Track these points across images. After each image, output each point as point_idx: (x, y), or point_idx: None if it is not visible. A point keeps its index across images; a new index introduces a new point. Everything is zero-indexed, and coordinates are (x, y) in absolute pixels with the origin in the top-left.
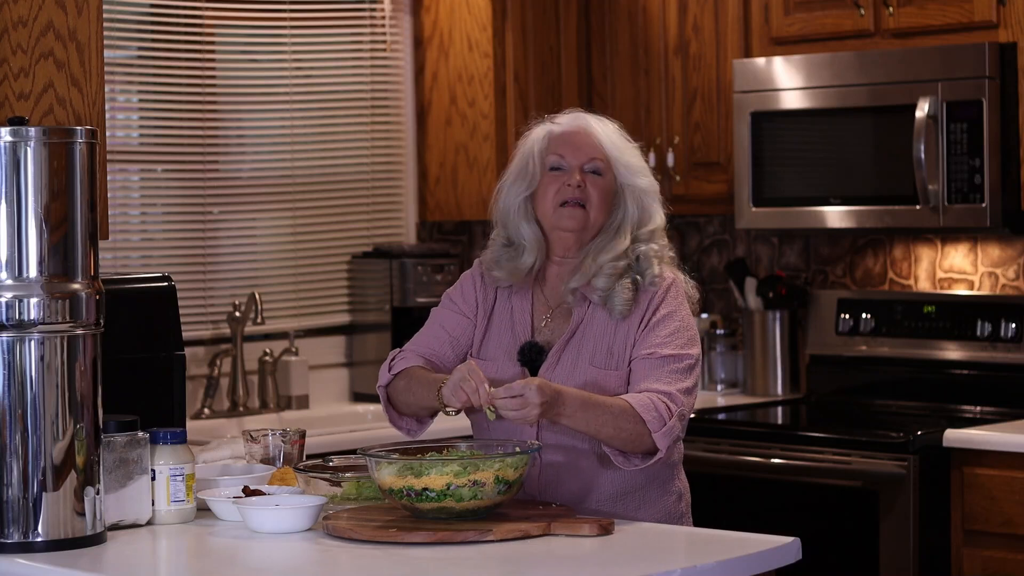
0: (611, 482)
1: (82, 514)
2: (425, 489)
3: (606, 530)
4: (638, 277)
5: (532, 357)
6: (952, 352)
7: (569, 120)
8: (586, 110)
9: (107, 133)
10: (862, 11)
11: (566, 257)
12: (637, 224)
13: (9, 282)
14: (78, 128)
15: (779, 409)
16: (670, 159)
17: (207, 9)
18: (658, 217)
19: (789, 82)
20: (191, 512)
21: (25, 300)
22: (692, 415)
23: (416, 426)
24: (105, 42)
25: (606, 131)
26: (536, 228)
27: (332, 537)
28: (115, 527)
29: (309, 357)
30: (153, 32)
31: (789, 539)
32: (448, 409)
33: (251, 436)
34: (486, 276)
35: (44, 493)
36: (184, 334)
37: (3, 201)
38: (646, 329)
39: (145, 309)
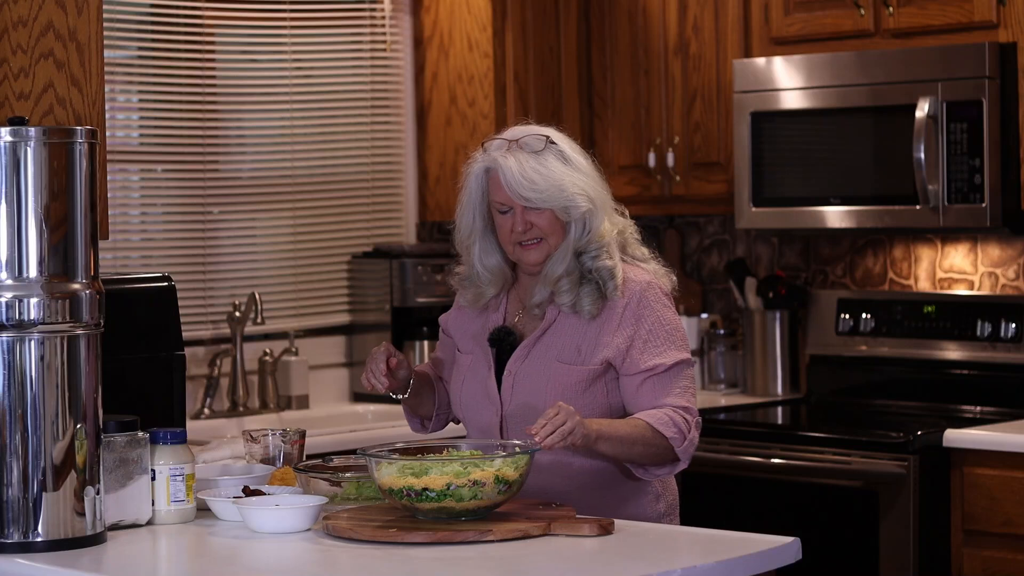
0: (586, 476)
1: (82, 514)
2: (425, 489)
3: (606, 530)
4: (599, 283)
5: (501, 338)
6: (952, 352)
7: (495, 159)
8: (523, 121)
9: (107, 133)
10: (862, 11)
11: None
12: (578, 240)
13: (9, 282)
14: (78, 128)
15: (779, 409)
16: (670, 159)
17: (207, 9)
18: (601, 228)
19: (789, 82)
20: (191, 512)
21: (25, 300)
22: None
23: (419, 427)
24: (105, 42)
25: (523, 169)
26: (500, 259)
27: (332, 537)
28: (115, 527)
29: (309, 357)
30: (153, 32)
31: (789, 539)
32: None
33: (251, 436)
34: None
35: (44, 493)
36: (184, 334)
37: (3, 201)
38: (640, 343)
39: (145, 309)
